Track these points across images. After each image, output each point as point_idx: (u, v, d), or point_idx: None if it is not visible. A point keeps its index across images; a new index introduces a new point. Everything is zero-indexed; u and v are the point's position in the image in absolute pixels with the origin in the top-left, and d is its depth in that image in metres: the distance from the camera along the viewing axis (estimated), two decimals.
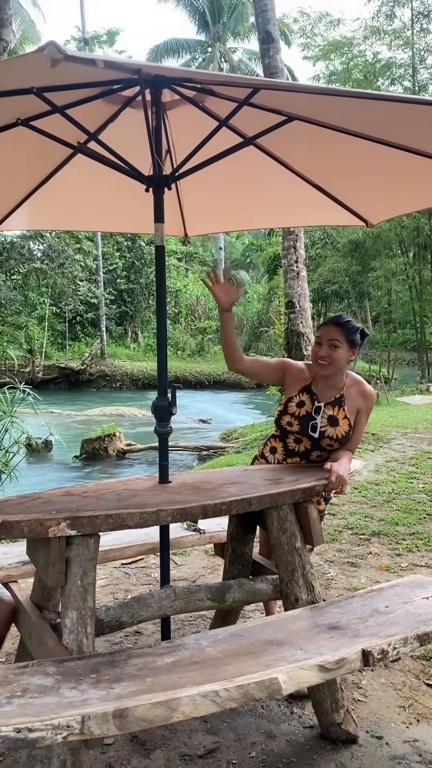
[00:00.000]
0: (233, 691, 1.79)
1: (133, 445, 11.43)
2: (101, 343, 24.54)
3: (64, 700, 1.75)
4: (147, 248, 26.45)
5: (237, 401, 19.79)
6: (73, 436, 11.53)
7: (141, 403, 18.37)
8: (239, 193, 3.71)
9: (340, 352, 2.81)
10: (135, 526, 2.28)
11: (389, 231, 19.30)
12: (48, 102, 2.22)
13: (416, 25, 19.57)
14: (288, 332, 8.95)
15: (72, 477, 9.75)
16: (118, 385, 23.49)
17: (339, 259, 22.76)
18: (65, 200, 3.69)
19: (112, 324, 26.46)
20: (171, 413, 2.65)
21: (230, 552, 3.03)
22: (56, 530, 2.17)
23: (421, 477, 6.76)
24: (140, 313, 27.32)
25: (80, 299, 23.84)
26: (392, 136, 2.69)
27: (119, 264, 25.81)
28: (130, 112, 2.88)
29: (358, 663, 2.02)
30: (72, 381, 23.19)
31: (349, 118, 2.57)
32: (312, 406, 2.89)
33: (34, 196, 3.43)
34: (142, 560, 4.45)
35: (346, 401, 2.89)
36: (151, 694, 1.76)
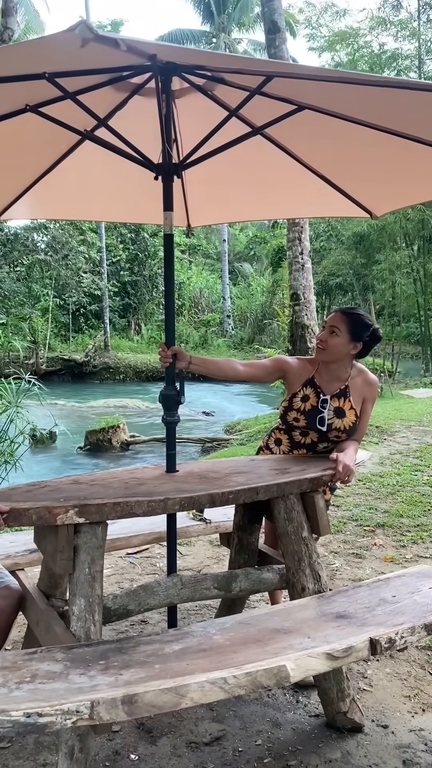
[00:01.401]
0: (241, 679, 1.80)
1: (137, 437, 11.44)
2: (105, 335, 24.52)
3: (74, 686, 1.76)
4: (150, 240, 26.39)
5: (240, 393, 19.76)
6: (77, 428, 11.54)
7: (145, 396, 18.39)
8: (243, 182, 3.68)
9: (337, 339, 2.80)
10: (143, 514, 2.29)
11: (394, 224, 19.22)
12: (60, 87, 2.21)
13: (423, 16, 19.46)
14: (292, 324, 8.94)
15: (76, 468, 9.76)
16: (121, 377, 23.47)
17: (343, 251, 22.69)
18: (69, 189, 3.67)
19: (115, 316, 26.43)
20: (179, 402, 2.64)
21: (236, 542, 3.03)
22: (64, 518, 2.18)
23: (426, 469, 6.76)
24: (144, 305, 27.28)
25: (84, 291, 23.81)
26: (404, 126, 2.67)
27: (123, 256, 25.75)
28: (138, 99, 2.87)
29: (366, 651, 2.03)
30: (75, 373, 23.18)
31: (362, 107, 2.55)
32: (317, 399, 2.88)
33: (39, 184, 3.40)
34: (147, 550, 4.46)
35: (352, 392, 2.88)
36: (160, 681, 1.76)
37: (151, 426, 13.39)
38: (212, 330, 28.00)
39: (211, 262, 33.22)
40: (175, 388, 2.65)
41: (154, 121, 2.89)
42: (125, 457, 10.65)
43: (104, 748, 2.45)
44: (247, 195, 3.89)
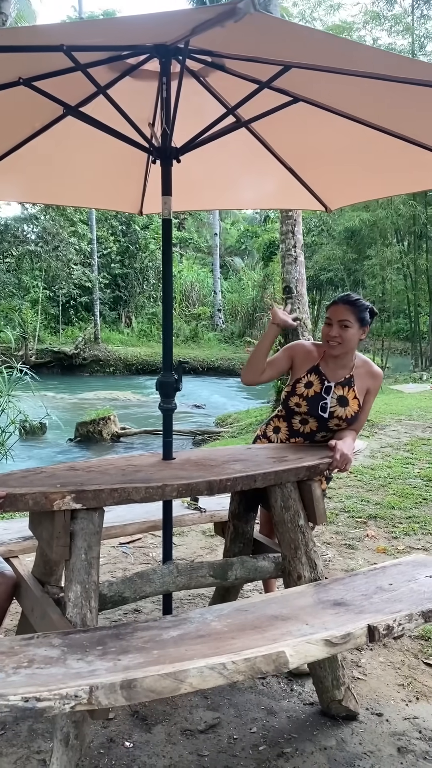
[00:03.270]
0: (240, 664, 1.79)
1: (128, 429, 11.41)
2: (95, 327, 24.41)
3: (71, 671, 1.74)
4: (142, 233, 26.26)
5: (230, 387, 19.76)
6: (67, 420, 11.49)
7: (135, 388, 18.34)
8: (209, 170, 3.57)
9: (350, 331, 2.77)
10: (140, 501, 2.27)
11: (385, 219, 19.26)
12: (74, 60, 2.17)
13: (416, 11, 19.44)
14: None
15: (66, 459, 9.73)
16: (111, 370, 23.39)
17: (335, 246, 22.71)
18: (44, 171, 3.53)
19: (105, 309, 26.31)
20: (177, 389, 2.63)
21: (231, 530, 3.02)
22: (61, 503, 2.16)
23: (417, 462, 6.78)
24: (134, 298, 27.17)
25: (74, 283, 23.67)
26: (400, 125, 2.66)
27: (114, 248, 25.61)
28: (127, 81, 2.80)
29: (364, 638, 2.02)
30: (65, 365, 23.07)
31: (365, 102, 2.54)
32: (321, 386, 2.87)
33: (8, 163, 3.21)
34: (140, 540, 4.44)
35: (356, 381, 2.87)
36: (159, 666, 1.75)
37: (142, 418, 13.36)
38: (203, 324, 27.93)
39: (202, 256, 33.13)
40: (172, 375, 2.64)
41: (139, 103, 2.85)
42: (116, 448, 10.61)
43: (99, 736, 2.44)
44: (214, 182, 3.80)
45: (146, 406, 15.19)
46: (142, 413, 14.15)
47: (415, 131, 2.63)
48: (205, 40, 2.26)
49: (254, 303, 27.24)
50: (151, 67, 2.65)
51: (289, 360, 2.97)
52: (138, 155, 3.26)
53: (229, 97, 2.78)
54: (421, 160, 2.76)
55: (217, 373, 22.88)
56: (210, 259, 30.72)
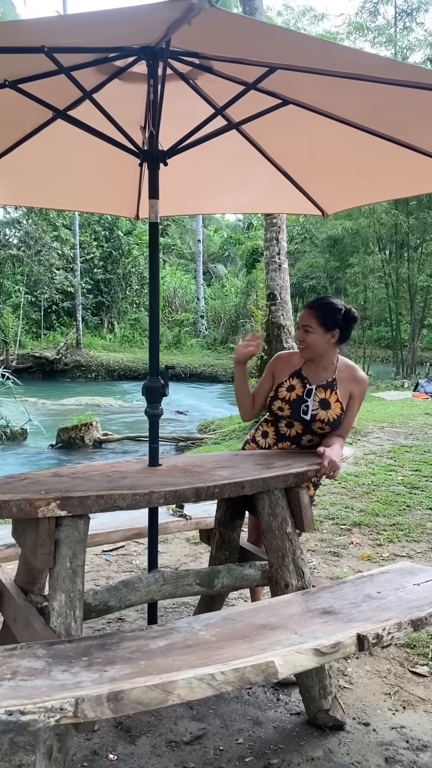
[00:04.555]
0: (229, 675, 1.76)
1: (110, 435, 11.33)
2: (77, 332, 24.29)
3: (56, 683, 1.70)
4: (125, 238, 26.22)
5: (213, 393, 19.75)
6: (49, 425, 11.38)
7: (117, 394, 18.24)
8: (202, 173, 3.56)
9: (312, 336, 2.80)
10: (126, 508, 2.23)
11: (368, 228, 19.42)
12: (56, 62, 2.14)
13: (399, 23, 19.69)
14: (269, 324, 8.92)
15: (48, 466, 9.63)
16: (93, 375, 23.27)
17: (317, 254, 22.84)
18: (30, 174, 3.48)
19: (87, 314, 26.19)
20: (163, 394, 2.59)
21: (217, 538, 2.99)
22: (46, 510, 2.11)
23: (399, 470, 6.80)
24: (117, 303, 27.09)
25: (56, 288, 23.54)
26: (389, 126, 2.67)
27: (96, 254, 25.53)
28: (116, 84, 2.77)
29: (353, 647, 2.00)
30: (46, 370, 22.92)
31: (353, 103, 2.53)
32: (303, 389, 2.86)
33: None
34: (123, 547, 4.39)
35: (339, 385, 2.86)
36: (146, 677, 1.71)
37: (124, 424, 13.28)
38: (186, 330, 27.93)
39: (185, 263, 33.13)
40: (159, 380, 2.60)
41: (129, 106, 2.83)
42: (98, 455, 10.53)
43: (82, 748, 2.39)
44: (205, 186, 3.79)
45: (129, 412, 15.11)
46: (124, 419, 14.07)
47: (408, 135, 2.63)
48: (188, 41, 2.23)
49: (237, 309, 27.28)
50: (139, 69, 2.62)
51: (271, 376, 3.00)
52: (132, 159, 3.23)
53: (219, 100, 2.77)
54: (416, 163, 2.76)
55: (200, 380, 22.86)
56: (193, 266, 30.74)
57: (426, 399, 14.58)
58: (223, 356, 25.01)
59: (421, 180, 3.05)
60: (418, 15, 20.12)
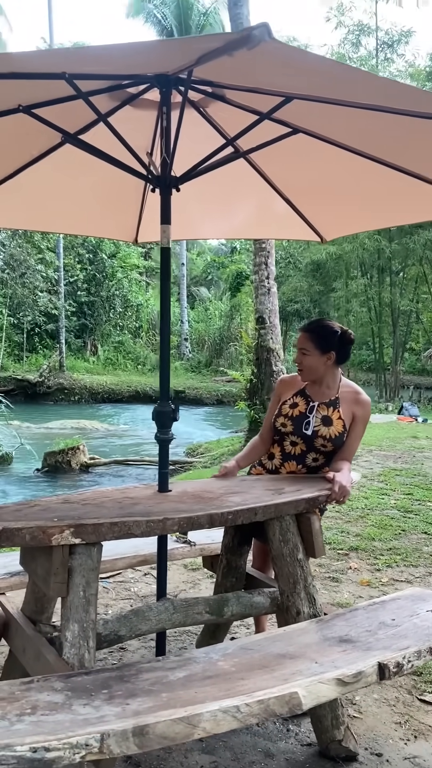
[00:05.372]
0: (254, 707, 1.72)
1: (97, 459, 11.23)
2: (60, 355, 24.18)
3: (79, 717, 1.65)
4: (109, 261, 26.28)
5: (199, 417, 19.70)
6: (34, 449, 11.26)
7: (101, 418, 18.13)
8: (205, 198, 3.58)
9: (309, 358, 2.85)
10: (140, 535, 2.20)
11: (351, 252, 19.66)
12: (75, 88, 2.15)
13: (381, 54, 20.13)
14: (258, 348, 8.96)
15: (35, 490, 9.50)
16: (76, 398, 23.12)
17: (301, 278, 23.05)
18: (38, 199, 3.49)
19: (71, 336, 26.11)
20: (174, 419, 2.57)
21: (224, 564, 2.96)
22: (59, 538, 2.08)
23: (392, 493, 6.80)
24: (100, 326, 27.05)
25: (39, 310, 23.46)
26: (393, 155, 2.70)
27: (80, 276, 25.54)
28: (127, 110, 2.79)
29: (375, 677, 1.98)
30: (29, 393, 22.73)
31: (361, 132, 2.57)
32: (306, 406, 2.90)
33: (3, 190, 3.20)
34: (120, 574, 4.32)
35: (341, 404, 2.88)
36: (170, 710, 1.67)
37: (111, 448, 13.18)
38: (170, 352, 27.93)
39: None
40: (169, 404, 2.58)
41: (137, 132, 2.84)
42: (85, 479, 10.42)
43: None
44: (206, 212, 3.81)
45: (115, 435, 15.01)
46: (111, 442, 13.97)
47: (412, 163, 2.67)
48: (207, 71, 2.26)
49: (221, 332, 27.38)
50: (150, 96, 2.64)
51: (277, 401, 3.04)
52: (134, 184, 3.25)
53: (227, 127, 2.80)
54: (418, 191, 2.80)
55: (185, 402, 22.79)
56: (176, 289, 30.86)
57: (411, 422, 14.68)
58: (208, 378, 25.05)
59: (422, 207, 3.09)
60: (399, 47, 20.65)
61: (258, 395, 9.05)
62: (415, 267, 20.84)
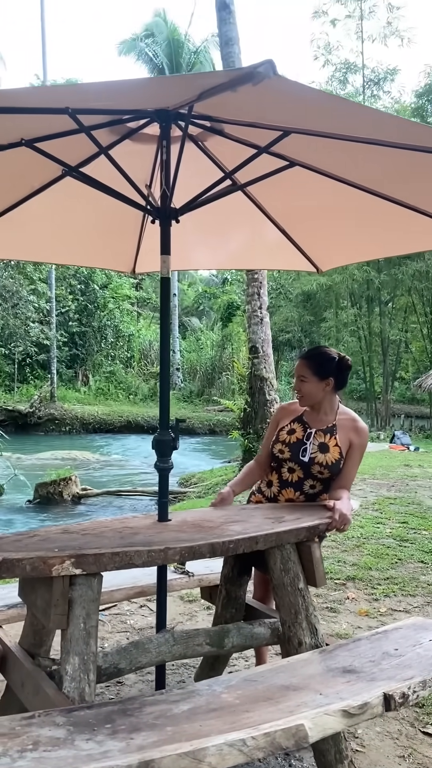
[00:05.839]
0: (260, 740, 1.69)
1: (89, 490, 11.14)
2: (51, 385, 24.13)
3: (82, 753, 1.62)
4: (100, 292, 26.41)
5: (191, 447, 19.62)
6: (25, 481, 11.16)
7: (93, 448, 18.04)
8: (200, 229, 3.61)
9: (308, 385, 2.87)
10: (142, 565, 2.18)
11: (341, 283, 19.88)
12: (78, 122, 2.19)
13: (367, 91, 20.61)
14: (251, 377, 8.99)
15: (27, 521, 9.40)
16: (67, 428, 23.01)
17: (292, 309, 23.23)
18: (32, 228, 3.47)
19: (62, 367, 26.08)
20: (174, 448, 2.57)
21: (223, 595, 2.93)
22: (60, 569, 2.05)
23: (387, 522, 6.78)
24: (92, 356, 27.06)
25: (31, 341, 23.46)
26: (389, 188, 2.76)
27: (72, 307, 25.62)
28: (126, 144, 2.84)
29: (380, 708, 1.95)
30: (19, 424, 22.59)
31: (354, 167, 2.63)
32: (304, 432, 2.91)
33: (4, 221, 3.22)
34: (116, 606, 4.26)
35: (339, 431, 2.89)
36: (175, 744, 1.64)
37: (103, 479, 13.09)
38: None
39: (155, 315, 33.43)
40: (169, 433, 2.58)
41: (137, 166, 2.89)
42: (77, 510, 10.32)
43: None
44: (204, 243, 3.84)
45: (107, 466, 14.92)
46: (102, 473, 13.88)
47: (406, 195, 2.72)
48: (207, 106, 2.31)
49: (213, 362, 27.45)
50: (150, 130, 2.69)
51: (276, 426, 3.05)
52: (132, 216, 3.29)
53: (225, 160, 2.85)
54: (412, 222, 2.85)
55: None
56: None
57: (403, 450, 14.70)
58: (200, 408, 25.03)
59: (416, 238, 3.15)
60: (385, 84, 21.17)
61: (252, 424, 9.05)
62: (404, 297, 21.07)
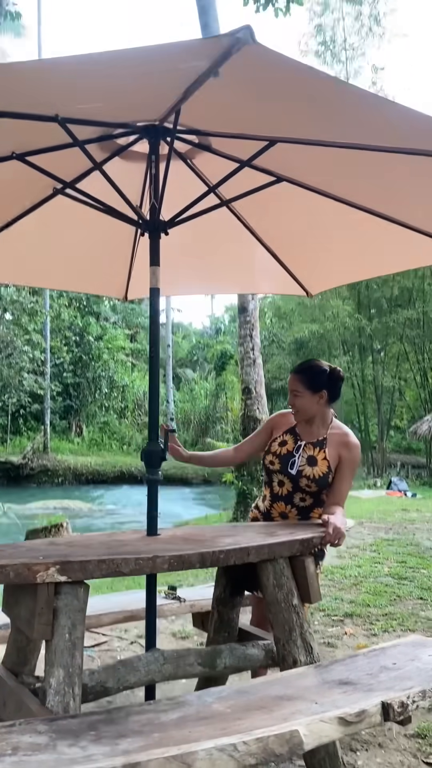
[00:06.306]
0: (252, 745, 1.61)
1: None
2: (44, 436, 23.99)
3: (64, 757, 1.53)
4: (95, 343, 26.53)
5: (185, 497, 19.42)
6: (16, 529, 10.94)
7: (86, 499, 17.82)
8: (190, 253, 3.61)
9: (301, 399, 2.87)
10: (130, 573, 2.12)
11: (332, 331, 20.09)
12: (70, 133, 2.23)
13: None
14: (245, 418, 8.97)
15: None
16: (60, 480, 22.76)
17: (285, 356, 23.39)
18: (22, 252, 3.47)
19: (56, 418, 25.99)
20: (163, 458, 2.53)
21: (216, 618, 2.84)
22: (45, 576, 1.99)
23: (385, 562, 6.65)
24: (86, 407, 27.00)
25: (24, 391, 23.44)
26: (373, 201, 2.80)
27: (66, 358, 25.70)
28: (115, 162, 2.88)
29: (378, 717, 1.86)
30: (12, 476, 22.35)
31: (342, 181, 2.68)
32: (294, 444, 2.90)
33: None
34: (106, 642, 4.12)
35: (329, 445, 2.86)
36: (163, 749, 1.56)
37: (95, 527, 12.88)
38: None
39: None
40: (158, 444, 2.55)
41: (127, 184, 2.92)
42: None
43: None
44: (192, 267, 3.83)
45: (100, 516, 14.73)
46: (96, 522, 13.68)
47: (396, 210, 2.76)
48: (194, 117, 2.35)
49: (207, 411, 27.41)
50: (139, 148, 2.75)
51: (269, 429, 3.05)
52: (123, 240, 3.33)
53: (214, 178, 2.88)
54: (402, 239, 2.89)
55: (171, 482, 22.45)
56: (162, 371, 31.11)
57: (400, 496, 14.56)
58: None
59: (407, 255, 3.19)
60: None
61: (246, 466, 8.97)
62: (396, 345, 21.24)
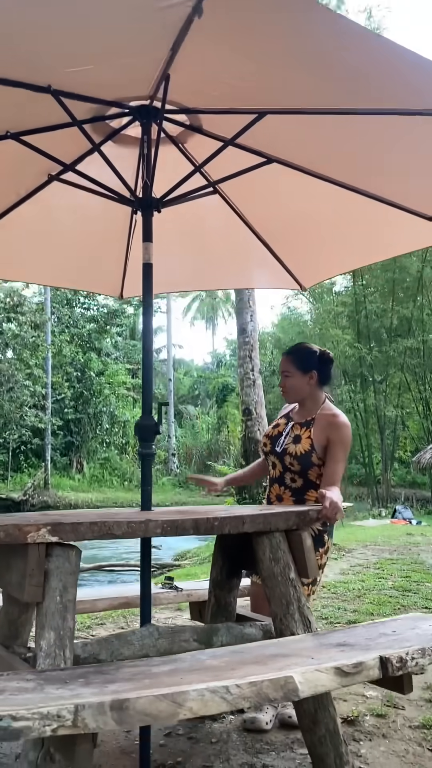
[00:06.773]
0: (245, 688, 1.57)
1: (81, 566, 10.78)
2: (45, 472, 23.86)
3: (51, 695, 1.49)
4: (96, 379, 26.57)
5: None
6: None
7: None
8: (183, 248, 3.62)
9: (291, 380, 2.91)
10: (122, 536, 2.09)
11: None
12: (66, 110, 2.28)
13: None
14: (245, 439, 8.94)
15: None
16: None
17: None
18: (15, 246, 3.48)
19: (56, 454, 25.86)
20: (157, 432, 2.51)
21: (213, 602, 2.79)
22: (36, 536, 1.96)
23: (389, 577, 6.54)
24: (87, 443, 26.90)
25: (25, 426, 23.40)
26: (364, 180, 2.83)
27: (68, 394, 25.70)
28: (110, 146, 2.88)
29: (376, 671, 1.81)
30: (13, 512, 22.10)
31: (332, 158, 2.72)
32: (285, 426, 2.95)
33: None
34: None
35: (315, 425, 2.86)
36: (154, 688, 1.52)
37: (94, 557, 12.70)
38: (157, 468, 27.65)
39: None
40: (152, 417, 2.54)
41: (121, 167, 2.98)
42: None
43: None
44: (185, 262, 3.83)
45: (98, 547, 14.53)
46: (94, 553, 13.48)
47: (388, 189, 2.79)
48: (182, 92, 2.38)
49: (209, 446, 27.29)
50: (131, 132, 2.81)
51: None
52: (119, 235, 3.37)
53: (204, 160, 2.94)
54: (397, 221, 2.91)
55: None
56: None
57: (405, 524, 14.38)
58: (195, 493, 24.65)
59: (402, 239, 3.21)
60: None
61: (246, 488, 8.89)
62: (398, 375, 21.23)
